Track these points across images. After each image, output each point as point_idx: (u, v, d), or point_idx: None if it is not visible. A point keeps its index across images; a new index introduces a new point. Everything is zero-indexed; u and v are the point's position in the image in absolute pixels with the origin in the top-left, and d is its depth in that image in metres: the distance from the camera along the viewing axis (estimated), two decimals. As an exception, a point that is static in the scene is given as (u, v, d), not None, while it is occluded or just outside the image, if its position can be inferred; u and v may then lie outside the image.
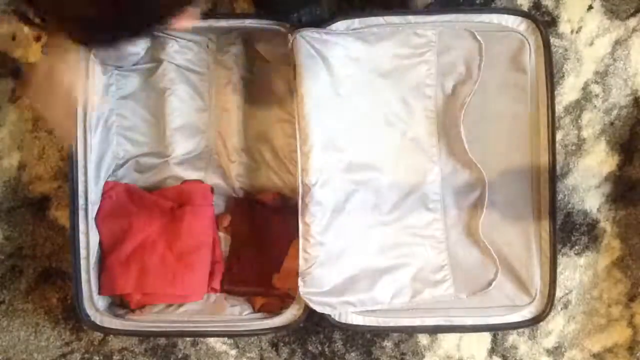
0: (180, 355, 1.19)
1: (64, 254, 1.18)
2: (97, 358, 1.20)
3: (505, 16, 1.07)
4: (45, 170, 1.18)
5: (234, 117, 1.16)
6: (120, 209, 1.11)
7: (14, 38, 1.17)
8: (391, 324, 1.09)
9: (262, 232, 1.17)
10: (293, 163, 1.13)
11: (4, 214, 1.18)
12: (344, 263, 1.07)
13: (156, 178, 1.16)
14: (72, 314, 1.19)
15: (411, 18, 1.07)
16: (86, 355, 1.20)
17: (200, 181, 1.16)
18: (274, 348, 1.19)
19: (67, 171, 1.07)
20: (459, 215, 1.12)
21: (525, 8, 1.16)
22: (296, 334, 1.18)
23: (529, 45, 1.07)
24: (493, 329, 1.13)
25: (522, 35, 1.07)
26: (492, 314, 1.09)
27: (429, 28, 1.08)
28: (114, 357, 1.19)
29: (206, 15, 1.09)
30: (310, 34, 1.03)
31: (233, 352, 1.19)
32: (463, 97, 1.08)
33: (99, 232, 1.09)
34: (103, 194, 1.11)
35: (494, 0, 1.16)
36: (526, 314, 1.09)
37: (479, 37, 1.07)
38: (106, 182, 1.12)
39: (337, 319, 1.09)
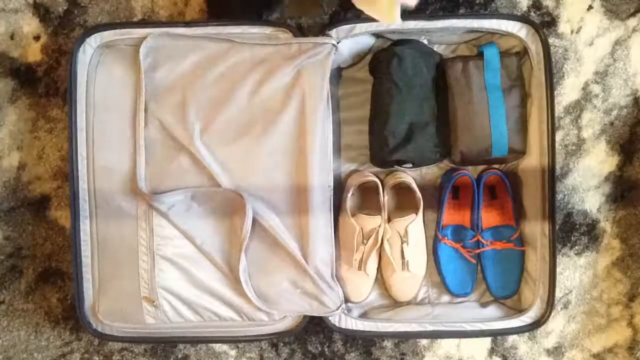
0: (180, 355, 1.19)
1: (64, 254, 1.18)
2: (97, 358, 1.20)
3: (505, 21, 1.06)
4: (45, 170, 1.18)
5: None
6: None
7: (12, 37, 1.18)
8: (390, 330, 1.09)
9: None
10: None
11: (4, 214, 1.19)
12: None
13: None
14: (72, 314, 1.19)
15: (411, 24, 1.06)
16: (86, 355, 1.20)
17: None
18: (274, 348, 1.19)
19: (67, 172, 1.08)
20: None
21: (524, 8, 1.16)
22: (296, 334, 1.18)
23: (529, 50, 1.06)
24: (492, 334, 1.12)
25: (522, 40, 1.07)
26: (491, 319, 1.09)
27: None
28: (114, 357, 1.20)
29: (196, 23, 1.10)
30: None
31: (233, 352, 1.20)
32: None
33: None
34: None
35: (493, 0, 1.16)
36: (526, 318, 1.09)
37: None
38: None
39: (336, 323, 1.09)
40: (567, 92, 1.17)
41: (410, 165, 1.10)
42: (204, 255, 1.05)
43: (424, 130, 1.06)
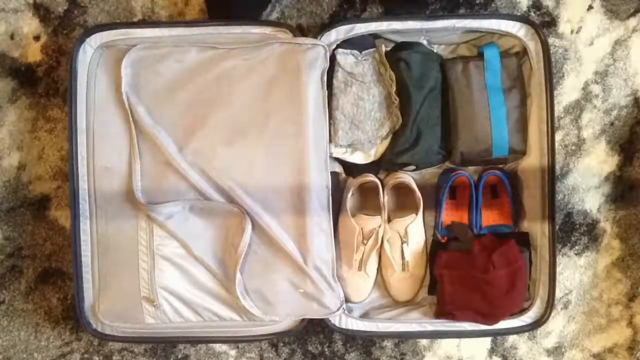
0: (180, 355, 1.19)
1: (64, 254, 1.18)
2: (97, 358, 1.20)
3: (505, 21, 1.06)
4: (45, 170, 1.18)
5: None
6: None
7: (12, 37, 1.18)
8: (390, 329, 1.09)
9: None
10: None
11: (4, 214, 1.18)
12: None
13: None
14: (72, 314, 1.19)
15: (411, 24, 1.06)
16: (86, 356, 1.20)
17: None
18: (274, 348, 1.19)
19: (67, 172, 1.08)
20: None
21: (524, 8, 1.16)
22: (296, 334, 1.18)
23: (529, 50, 1.06)
24: (492, 334, 1.12)
25: (521, 40, 1.07)
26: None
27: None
28: (114, 357, 1.20)
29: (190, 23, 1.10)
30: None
31: (233, 352, 1.20)
32: None
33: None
34: None
35: (493, 0, 1.16)
36: (526, 318, 1.08)
37: None
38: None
39: (337, 323, 1.09)
40: (567, 92, 1.17)
41: (414, 168, 1.10)
42: (203, 266, 1.06)
43: (431, 133, 1.06)
